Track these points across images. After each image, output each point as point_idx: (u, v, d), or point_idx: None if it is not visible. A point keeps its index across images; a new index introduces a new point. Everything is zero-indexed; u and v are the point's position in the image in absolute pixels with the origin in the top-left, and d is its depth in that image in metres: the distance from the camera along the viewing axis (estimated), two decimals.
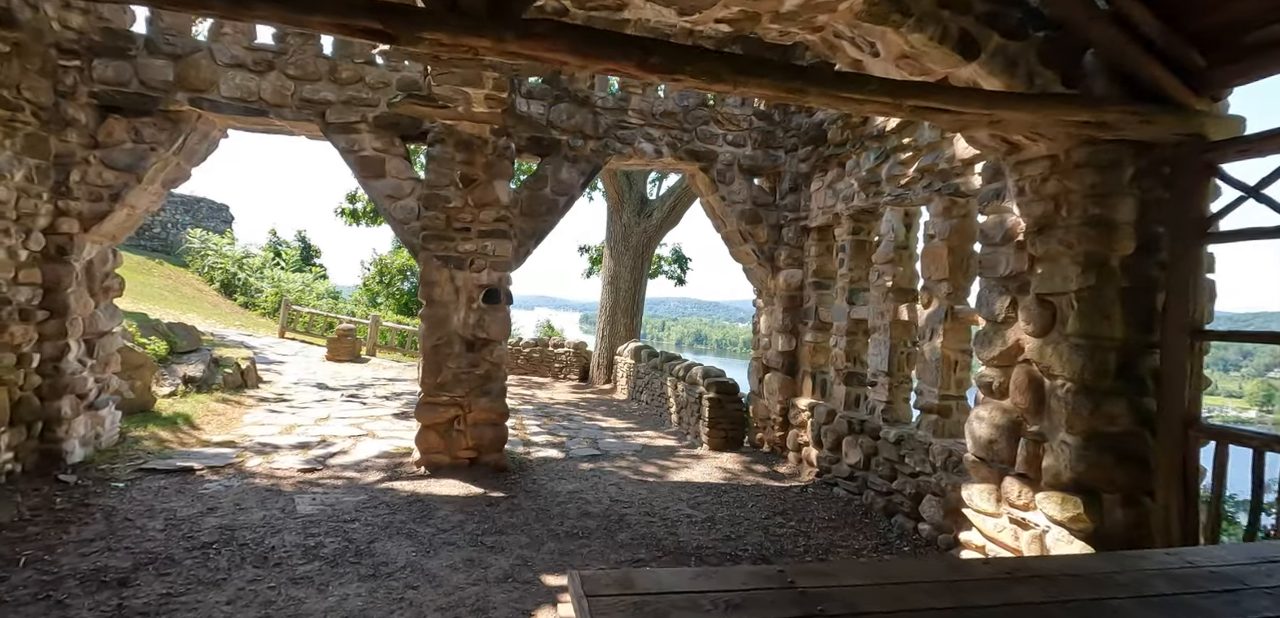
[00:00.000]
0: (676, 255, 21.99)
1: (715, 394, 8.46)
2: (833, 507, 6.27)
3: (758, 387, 8.42)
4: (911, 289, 6.19)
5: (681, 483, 6.89)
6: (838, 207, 7.02)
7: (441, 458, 6.73)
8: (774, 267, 7.99)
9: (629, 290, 14.97)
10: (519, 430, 9.20)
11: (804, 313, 7.80)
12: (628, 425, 10.24)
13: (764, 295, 8.32)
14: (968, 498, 4.54)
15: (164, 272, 30.11)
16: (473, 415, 6.79)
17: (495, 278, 6.82)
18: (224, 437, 7.59)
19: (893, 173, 6.05)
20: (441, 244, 6.68)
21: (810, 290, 7.71)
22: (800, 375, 7.81)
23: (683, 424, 9.63)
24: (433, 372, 6.70)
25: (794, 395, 7.84)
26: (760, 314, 8.47)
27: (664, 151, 7.53)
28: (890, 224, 6.18)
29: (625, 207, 14.83)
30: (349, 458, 7.02)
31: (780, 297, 7.93)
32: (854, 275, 6.87)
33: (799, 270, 7.84)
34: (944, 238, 5.43)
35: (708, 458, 7.99)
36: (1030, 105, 3.11)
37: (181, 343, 10.17)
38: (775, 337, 8.03)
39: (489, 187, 6.76)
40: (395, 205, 6.72)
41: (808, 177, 7.64)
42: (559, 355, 15.90)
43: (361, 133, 6.63)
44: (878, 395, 6.23)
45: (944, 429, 5.46)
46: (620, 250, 14.95)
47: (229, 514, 5.19)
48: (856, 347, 6.86)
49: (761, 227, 7.94)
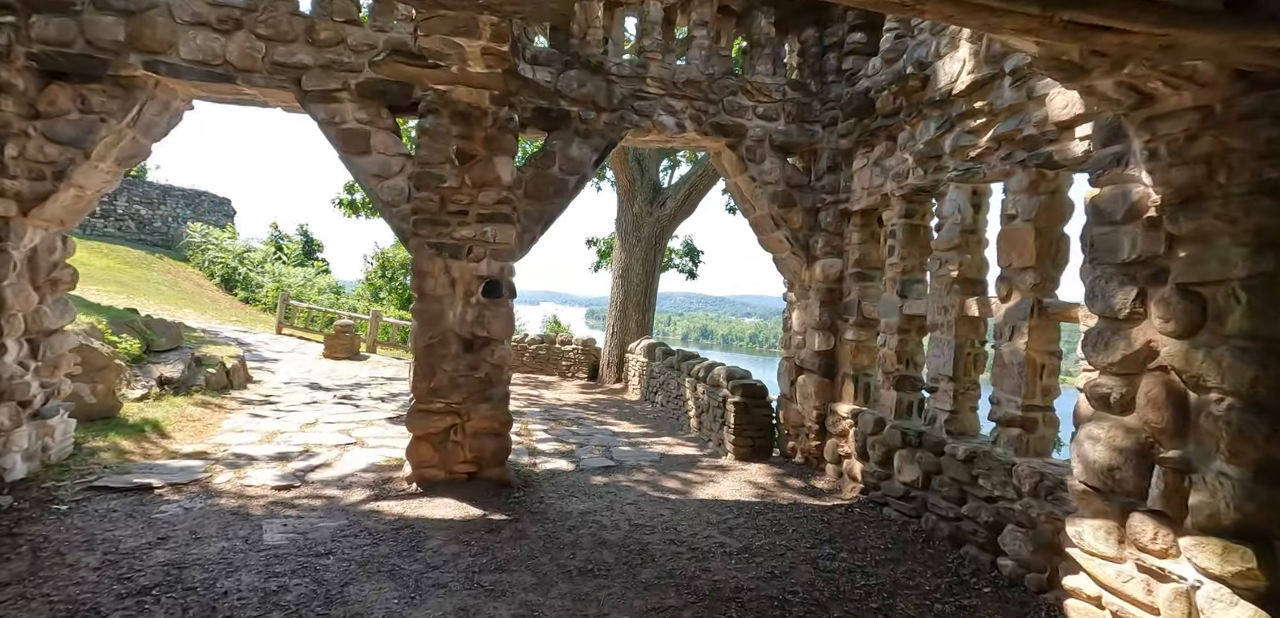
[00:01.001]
0: (688, 248, 21.15)
1: (741, 398, 7.61)
2: (886, 532, 5.41)
3: (789, 390, 7.56)
4: (979, 280, 5.32)
5: (709, 501, 6.04)
6: (887, 186, 6.14)
7: (436, 473, 5.91)
8: (810, 256, 7.12)
9: (641, 284, 14.12)
10: (524, 437, 8.38)
11: (844, 308, 6.93)
12: (642, 430, 9.40)
13: (797, 288, 7.45)
14: (1075, 535, 3.68)
15: (164, 266, 29.52)
16: (472, 424, 5.97)
17: (496, 268, 5.99)
18: (195, 446, 6.79)
19: (959, 144, 5.18)
20: (435, 230, 5.85)
21: (851, 282, 6.84)
22: (839, 378, 6.95)
23: (704, 430, 8.78)
24: (426, 375, 5.88)
25: (832, 400, 6.98)
26: (792, 309, 7.61)
27: (686, 126, 6.67)
28: (955, 204, 5.31)
29: (637, 195, 13.98)
30: (332, 472, 6.20)
31: (817, 289, 7.06)
32: (907, 265, 5.99)
33: (838, 260, 6.97)
34: (1029, 218, 4.56)
35: (734, 470, 7.14)
36: (1230, 25, 2.25)
37: (159, 340, 9.39)
38: (810, 334, 7.17)
39: (489, 164, 5.92)
40: (382, 186, 5.89)
41: (849, 154, 6.76)
42: (566, 353, 15.08)
43: (343, 102, 5.80)
44: (940, 403, 5.37)
45: (1028, 446, 4.59)
46: (632, 241, 14.10)
47: (181, 546, 4.38)
48: (909, 347, 5.99)
49: (795, 211, 7.07)
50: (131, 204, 33.24)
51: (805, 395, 7.20)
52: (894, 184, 6.02)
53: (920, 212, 6.02)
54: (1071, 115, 4.12)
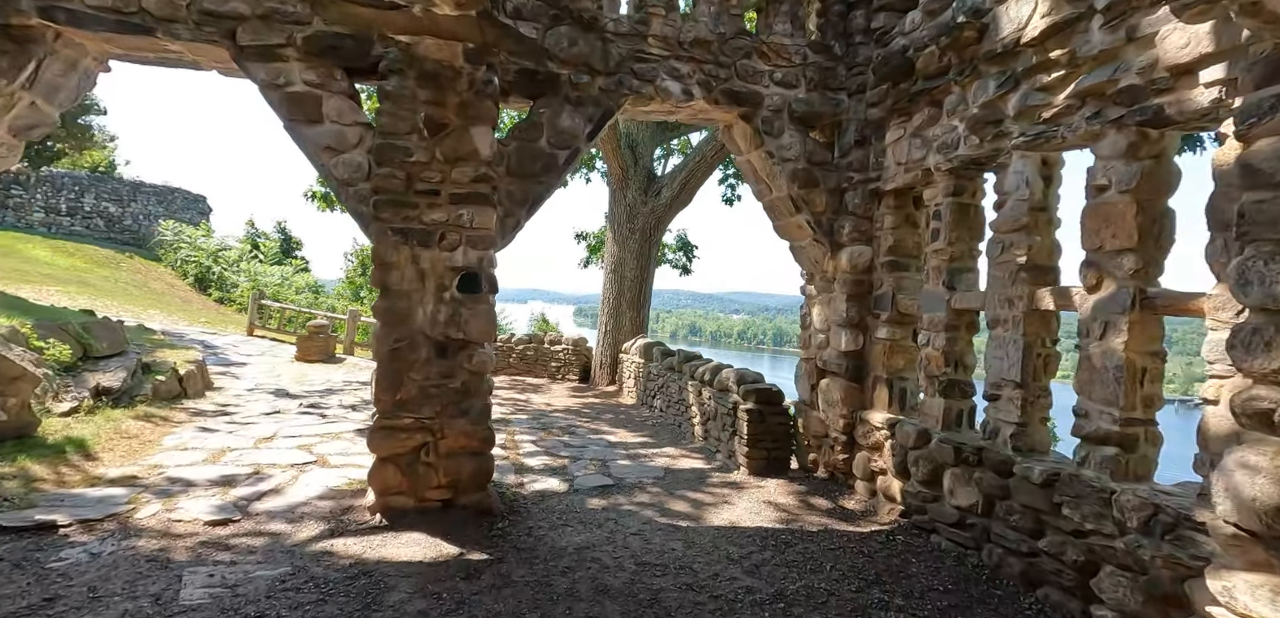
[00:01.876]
0: (681, 242, 20.27)
1: (755, 405, 6.74)
2: (940, 568, 4.56)
3: (809, 396, 6.69)
4: (1050, 267, 4.47)
5: (726, 530, 5.16)
6: (929, 160, 5.28)
7: (404, 501, 4.99)
8: (834, 243, 6.25)
9: (635, 279, 13.22)
10: (509, 450, 7.46)
11: (875, 302, 6.07)
12: (641, 439, 8.51)
13: (818, 280, 6.58)
14: (1222, 592, 2.82)
15: (133, 266, 28.26)
16: (446, 443, 5.05)
17: (474, 258, 5.07)
18: (124, 470, 5.81)
19: (1028, 104, 4.31)
20: (400, 213, 4.92)
21: (883, 273, 5.98)
22: (870, 382, 6.09)
23: (710, 440, 7.90)
24: (391, 385, 4.95)
25: (861, 407, 6.11)
26: (811, 304, 6.74)
27: (694, 93, 5.77)
28: (1021, 177, 4.45)
29: (630, 184, 13.06)
30: (282, 500, 5.26)
31: (843, 281, 6.19)
32: (955, 251, 5.14)
33: (867, 248, 6.10)
34: (1128, 188, 3.71)
35: (750, 487, 6.27)
36: None
37: (99, 345, 8.37)
38: (835, 332, 6.30)
39: (464, 135, 5.00)
40: (336, 161, 4.94)
41: (880, 125, 5.90)
42: (556, 353, 14.15)
43: (288, 60, 4.84)
44: (1003, 414, 4.51)
45: (1127, 469, 3.75)
46: (625, 234, 13.19)
47: (72, 610, 3.44)
48: (959, 346, 5.14)
49: (818, 191, 6.20)
50: (100, 201, 31.91)
51: (830, 402, 6.33)
52: (939, 157, 5.16)
53: (970, 189, 5.16)
54: (1195, 55, 3.26)
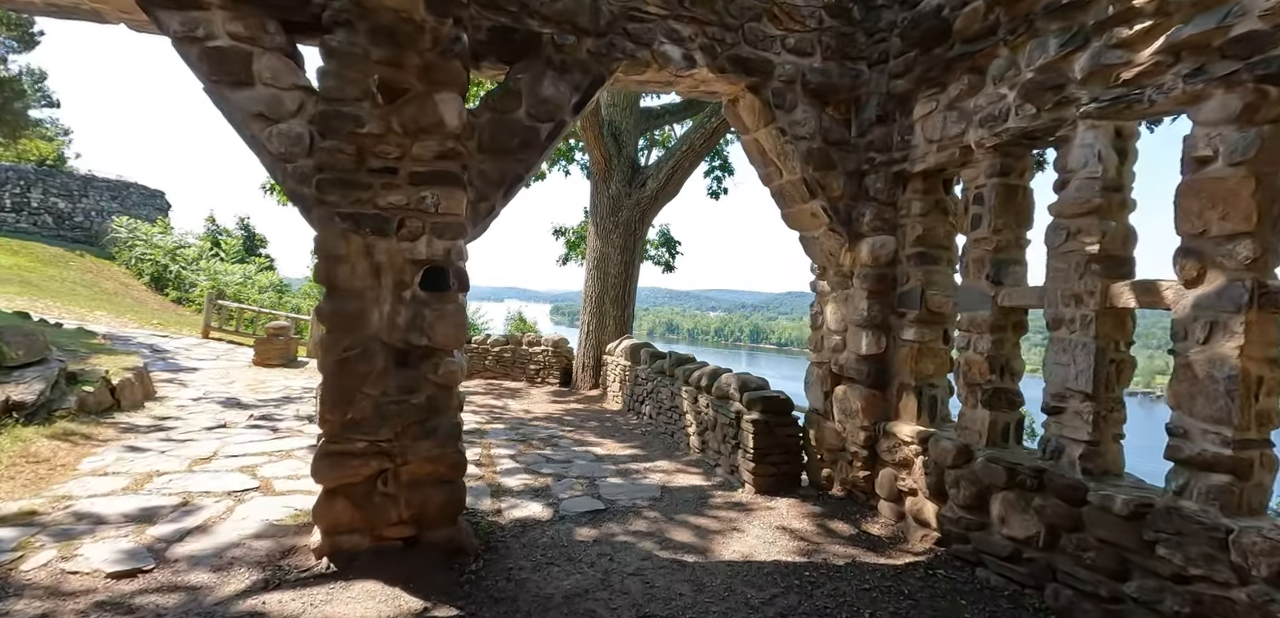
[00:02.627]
0: (665, 238, 19.57)
1: (761, 415, 6.01)
2: (996, 612, 3.86)
3: (823, 404, 5.97)
4: (1125, 257, 3.79)
5: (739, 566, 4.42)
6: (969, 136, 4.58)
7: (357, 541, 4.16)
8: (852, 232, 5.54)
9: (619, 275, 12.44)
10: (485, 467, 6.63)
11: (900, 299, 5.37)
12: (631, 451, 7.74)
13: (832, 275, 5.86)
14: None
15: (84, 264, 26.75)
16: (409, 469, 4.24)
17: (440, 249, 4.25)
18: (25, 503, 4.89)
19: (1102, 64, 3.63)
20: (349, 195, 4.09)
21: (910, 266, 5.28)
22: (894, 390, 5.39)
23: (708, 452, 7.16)
24: (340, 402, 4.11)
25: (885, 418, 5.41)
26: (824, 302, 6.02)
27: (697, 59, 5.01)
28: (1091, 151, 3.77)
29: (614, 174, 12.28)
30: (209, 541, 4.39)
31: (863, 276, 5.48)
32: (1001, 240, 4.45)
33: (891, 237, 5.40)
34: (1244, 160, 3.03)
35: (759, 510, 5.54)
36: None
37: (14, 354, 7.36)
38: (854, 334, 5.59)
39: (427, 103, 4.18)
40: (270, 132, 4.08)
41: (906, 98, 5.20)
42: (535, 356, 13.31)
43: (209, 9, 3.98)
44: (1069, 430, 3.83)
45: (1240, 501, 3.08)
46: (608, 227, 12.40)
47: None
48: (1005, 350, 4.46)
49: (835, 174, 5.48)
50: (48, 197, 30.22)
51: (848, 411, 5.62)
52: (981, 131, 4.46)
53: (1019, 167, 4.48)
54: None
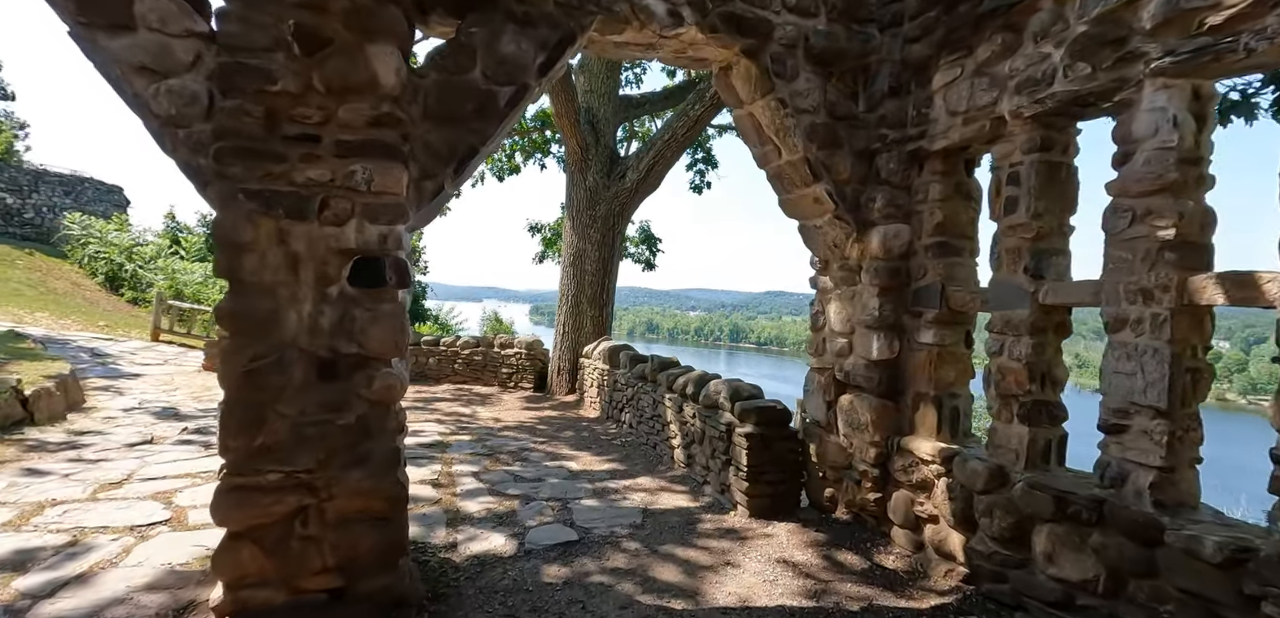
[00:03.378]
0: (645, 234, 18.87)
1: (756, 428, 5.32)
2: None
3: (824, 416, 5.29)
4: (1203, 244, 3.14)
5: (736, 614, 3.71)
6: (1003, 105, 3.92)
7: (269, 595, 3.38)
8: (861, 220, 4.86)
9: (597, 273, 11.69)
10: (444, 488, 5.85)
11: (915, 296, 4.70)
12: (609, 466, 7.00)
13: (836, 269, 5.18)
14: None
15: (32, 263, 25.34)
16: (336, 505, 3.47)
17: (375, 236, 3.48)
18: None
19: (1181, 8, 2.97)
20: (258, 168, 3.31)
21: (928, 259, 4.61)
22: (909, 400, 4.72)
23: (695, 467, 6.45)
24: (247, 423, 3.33)
25: (899, 433, 4.74)
26: (827, 300, 5.33)
27: (685, 16, 4.28)
28: (1163, 116, 3.11)
29: (591, 164, 11.52)
30: (86, 597, 3.57)
31: (873, 270, 4.80)
32: (1043, 227, 3.79)
33: (905, 226, 4.73)
34: None
35: (754, 537, 4.84)
36: None
37: None
38: (862, 336, 4.91)
39: (356, 55, 3.41)
40: (157, 89, 3.28)
41: (924, 66, 4.53)
42: (507, 358, 12.50)
43: None
44: (1137, 452, 3.18)
45: None
46: (585, 222, 11.64)
47: None
48: (1047, 355, 3.80)
49: (841, 154, 4.79)
50: None
51: (855, 425, 4.94)
52: (1019, 100, 3.80)
53: (1063, 141, 3.82)
54: None
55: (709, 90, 10.72)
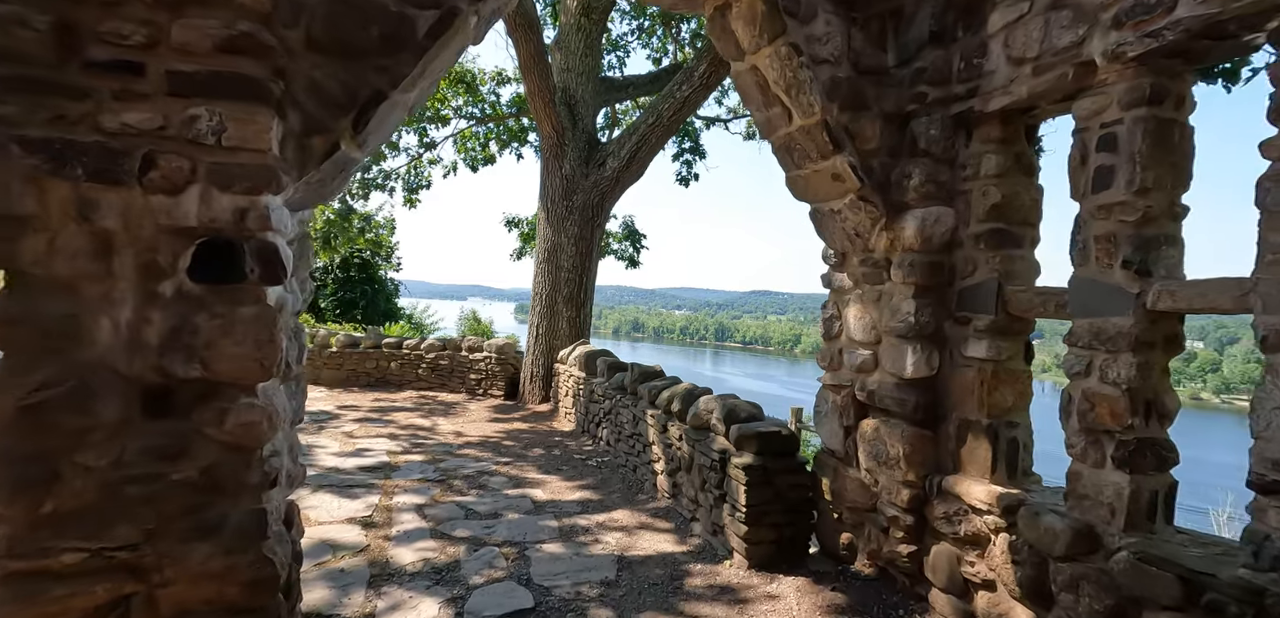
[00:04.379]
0: (629, 230, 17.85)
1: (756, 460, 4.33)
2: None
3: (841, 445, 4.30)
4: None
5: None
6: (1090, 46, 2.95)
7: None
8: (891, 201, 3.87)
9: (574, 269, 10.65)
10: (374, 531, 4.80)
11: (961, 298, 3.72)
12: (580, 494, 5.99)
13: (858, 263, 4.18)
14: None
15: None
16: (173, 593, 2.44)
17: (228, 211, 2.44)
18: None
19: None
20: (43, 106, 2.26)
21: (979, 249, 3.63)
22: (953, 428, 3.74)
23: (681, 498, 5.45)
24: (28, 481, 2.27)
25: (939, 470, 3.77)
26: (844, 301, 4.35)
27: None
28: None
29: (568, 150, 10.48)
30: None
31: (907, 264, 3.81)
32: (1149, 207, 2.83)
33: (948, 209, 3.75)
34: None
35: (757, 599, 3.86)
36: None
37: None
38: (892, 347, 3.92)
39: None
40: None
41: (975, 4, 3.55)
42: (475, 363, 11.42)
43: None
44: None
45: None
46: (561, 214, 10.59)
47: None
48: (1153, 378, 2.84)
49: (868, 117, 3.80)
50: None
51: (882, 458, 3.96)
52: (1122, 35, 2.82)
53: (1177, 92, 2.85)
54: None
55: (698, 69, 9.73)
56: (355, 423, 8.64)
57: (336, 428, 8.26)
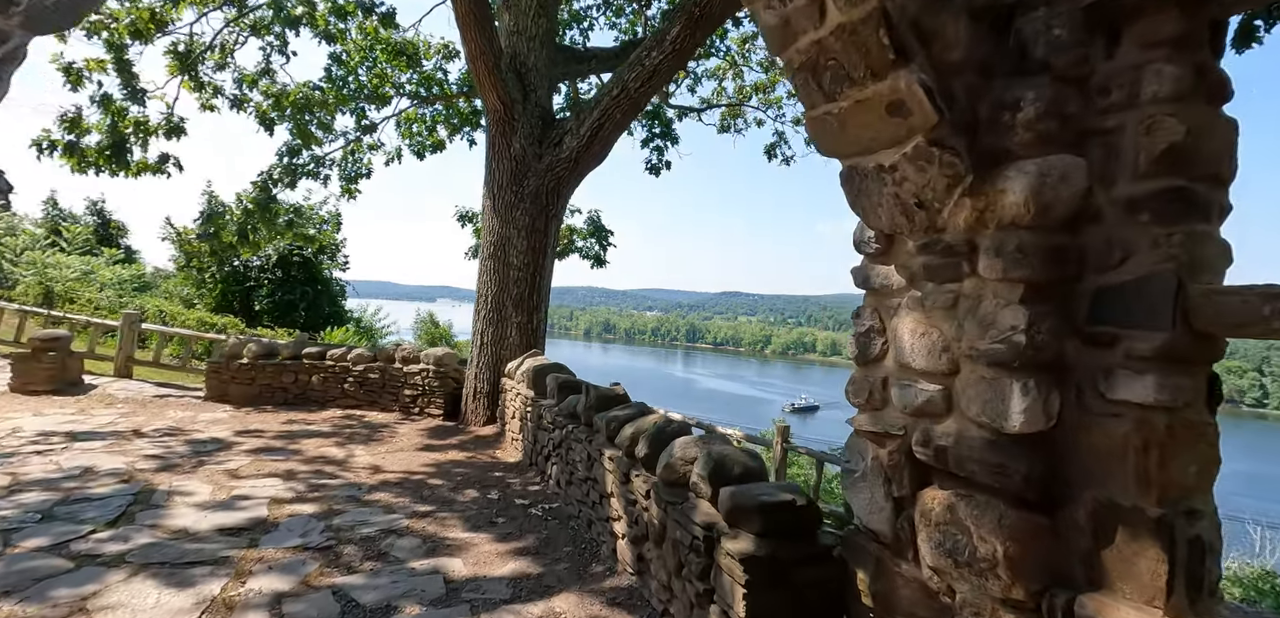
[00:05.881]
0: (594, 226, 16.35)
1: (759, 546, 2.88)
2: None
3: (889, 523, 2.84)
4: None
5: None
6: None
7: None
8: (981, 145, 2.42)
9: (526, 268, 9.09)
10: None
11: (1102, 300, 2.28)
12: (513, 566, 4.46)
13: (913, 250, 2.72)
14: None
15: None
16: None
17: None
18: None
19: None
20: None
21: (1133, 224, 2.21)
22: (1086, 516, 2.30)
23: (648, 577, 3.95)
24: None
25: (1066, 581, 2.32)
26: (890, 305, 2.90)
27: None
28: None
29: (518, 127, 8.93)
30: None
31: (1012, 248, 2.36)
32: None
33: (1077, 159, 2.31)
34: None
35: None
36: None
37: None
38: (981, 381, 2.47)
39: None
40: None
41: None
42: (411, 378, 9.77)
43: None
44: None
45: None
46: (509, 202, 9.03)
47: None
48: None
49: (950, 12, 2.35)
50: None
51: (963, 556, 2.50)
52: None
53: None
54: None
55: (671, 32, 8.27)
56: (247, 457, 6.96)
57: (220, 464, 6.58)
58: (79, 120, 11.20)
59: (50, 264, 21.80)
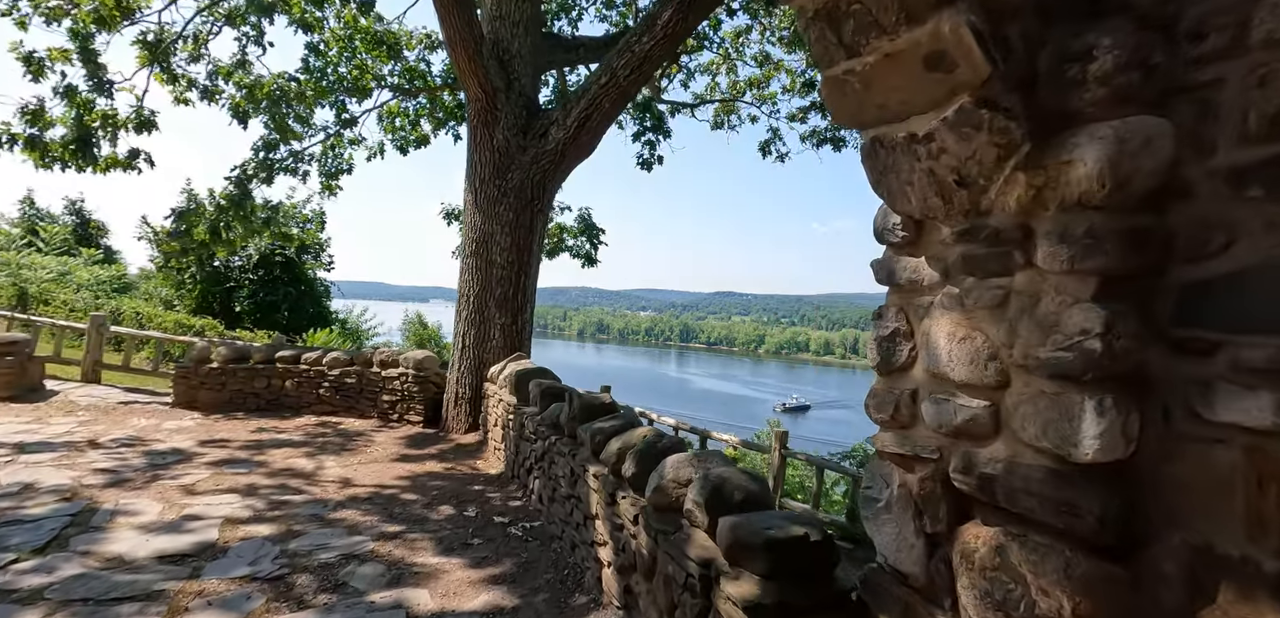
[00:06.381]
0: (585, 224, 15.88)
1: (765, 591, 2.43)
2: None
3: (920, 564, 2.39)
4: None
5: None
6: None
7: None
8: (1038, 109, 1.96)
9: (510, 266, 8.62)
10: None
11: (1195, 300, 1.83)
12: (488, 595, 3.98)
13: (950, 238, 2.27)
14: None
15: None
16: None
17: None
18: None
19: None
20: None
21: (1234, 200, 1.75)
22: (1172, 565, 1.85)
23: (633, 608, 3.49)
24: None
25: None
26: (920, 304, 2.45)
27: None
28: None
29: (501, 117, 8.45)
30: None
31: (1081, 235, 1.91)
32: None
33: (1162, 122, 1.86)
34: None
35: None
36: None
37: None
38: (1039, 398, 2.01)
39: None
40: None
41: None
42: (390, 382, 9.28)
43: None
44: None
45: None
46: (492, 196, 8.55)
47: None
48: None
49: None
50: None
51: (1017, 608, 2.04)
52: None
53: None
54: None
55: (663, 16, 7.81)
56: (207, 469, 6.46)
57: (176, 479, 6.08)
58: (42, 113, 10.64)
59: (25, 265, 21.16)
